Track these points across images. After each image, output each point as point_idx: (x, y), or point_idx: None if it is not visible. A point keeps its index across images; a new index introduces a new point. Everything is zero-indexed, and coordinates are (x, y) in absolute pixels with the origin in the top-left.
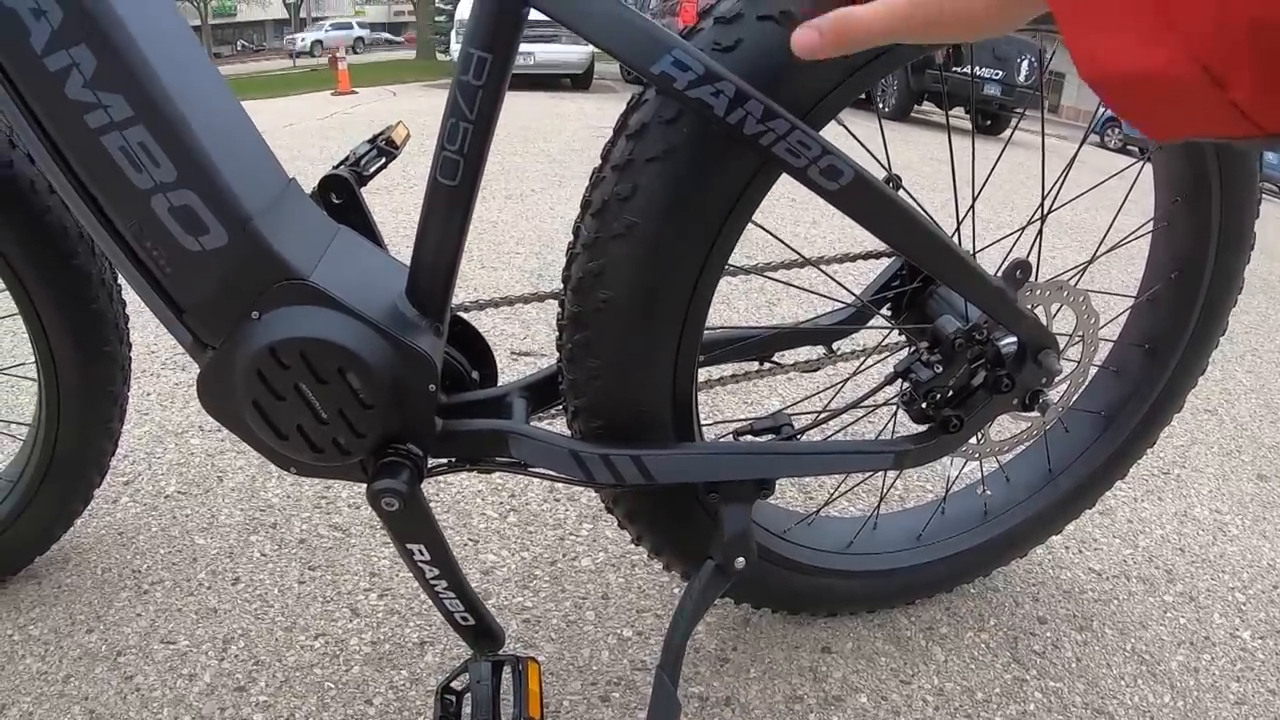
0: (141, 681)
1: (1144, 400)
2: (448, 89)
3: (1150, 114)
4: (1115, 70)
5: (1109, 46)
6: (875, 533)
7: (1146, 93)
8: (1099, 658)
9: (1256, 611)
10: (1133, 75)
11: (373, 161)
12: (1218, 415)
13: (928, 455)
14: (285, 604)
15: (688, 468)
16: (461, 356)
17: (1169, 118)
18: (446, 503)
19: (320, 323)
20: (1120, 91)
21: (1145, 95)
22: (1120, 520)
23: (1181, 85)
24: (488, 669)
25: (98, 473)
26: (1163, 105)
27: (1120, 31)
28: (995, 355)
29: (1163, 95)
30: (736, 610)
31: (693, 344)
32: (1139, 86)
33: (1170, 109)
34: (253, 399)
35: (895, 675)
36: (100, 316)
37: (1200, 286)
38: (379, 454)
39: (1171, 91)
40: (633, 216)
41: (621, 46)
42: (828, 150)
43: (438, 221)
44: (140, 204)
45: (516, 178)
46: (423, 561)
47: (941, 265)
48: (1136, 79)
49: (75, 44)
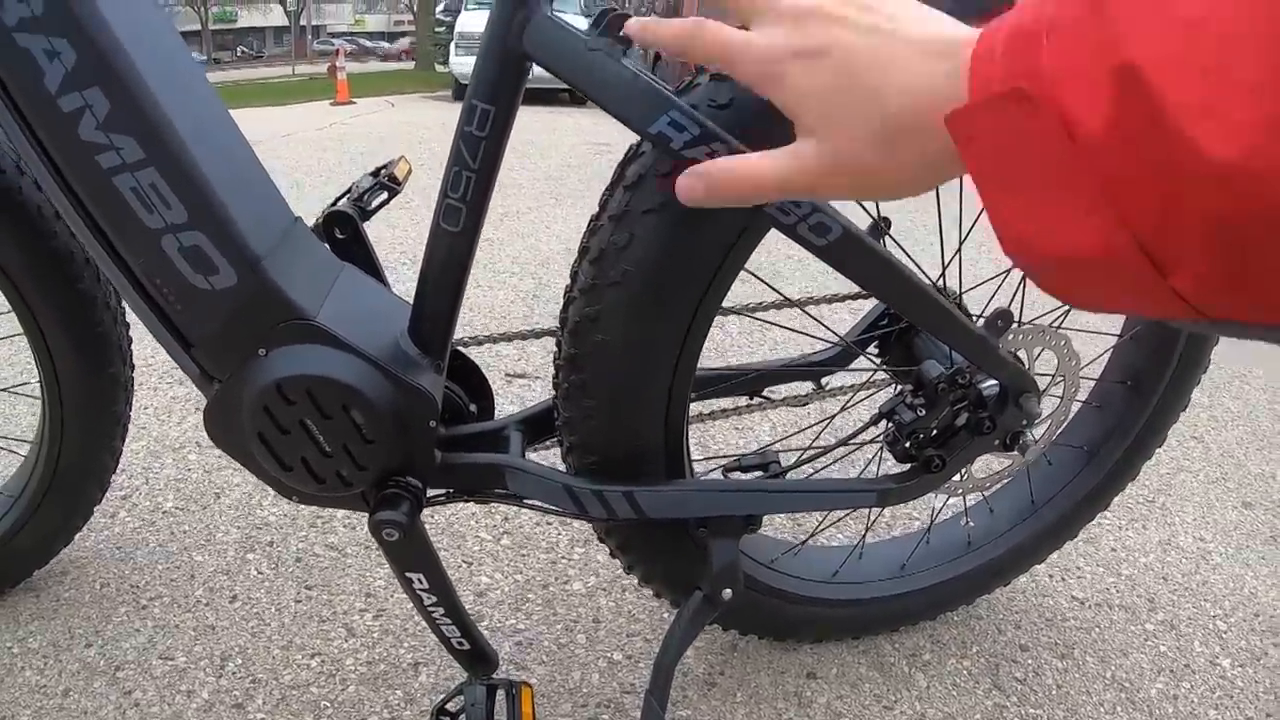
0: (140, 697)
1: (1126, 435)
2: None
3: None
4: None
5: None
6: (860, 562)
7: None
8: (1079, 685)
9: (1237, 640)
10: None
11: (374, 196)
12: (1204, 443)
13: (911, 494)
14: (282, 622)
15: (678, 504)
16: (460, 389)
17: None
18: (441, 525)
19: (325, 361)
20: (1050, 271)
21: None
22: (1104, 548)
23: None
24: (482, 692)
25: (98, 489)
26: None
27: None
28: (977, 398)
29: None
30: (724, 635)
31: (685, 386)
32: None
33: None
34: (258, 432)
35: (878, 701)
36: (104, 338)
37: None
38: (380, 486)
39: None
40: (629, 265)
41: (619, 105)
42: (817, 207)
43: (440, 265)
44: (150, 243)
45: (513, 195)
46: (421, 589)
47: (927, 316)
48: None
49: (88, 86)
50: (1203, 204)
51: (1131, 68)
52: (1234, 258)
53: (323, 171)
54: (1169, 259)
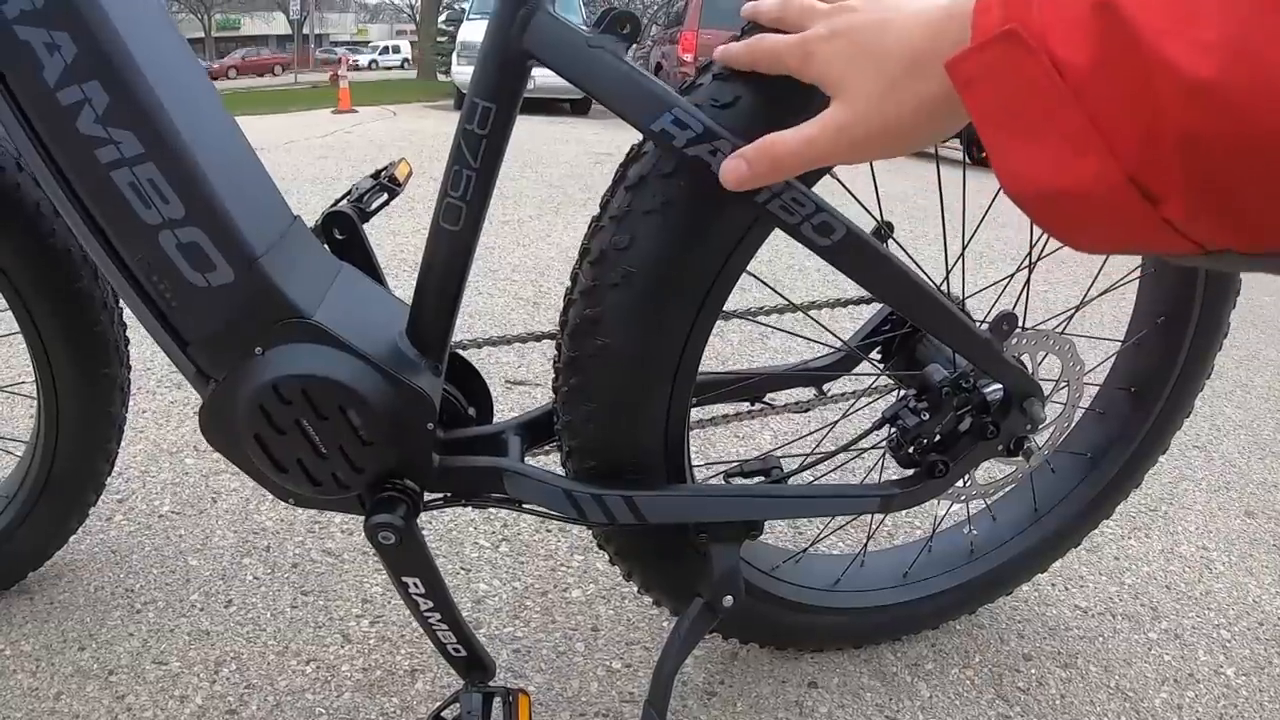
0: (133, 701)
1: (1129, 443)
2: (447, 109)
3: (1079, 228)
4: (1041, 182)
5: (1033, 153)
6: (862, 570)
7: (1073, 207)
8: (1083, 695)
9: (1241, 648)
10: (1058, 188)
11: (375, 197)
12: (1206, 451)
13: (914, 499)
14: (277, 628)
15: (678, 509)
16: (458, 393)
17: (1099, 233)
18: (439, 531)
19: (323, 361)
20: (1045, 205)
21: (1072, 209)
22: (1107, 557)
23: (1112, 200)
24: (479, 700)
25: (94, 491)
26: (1092, 220)
27: (1045, 139)
28: (981, 403)
29: (1092, 211)
30: (724, 644)
31: (686, 389)
32: (1065, 200)
33: (1100, 224)
34: (254, 432)
35: (880, 711)
36: (101, 339)
37: (1186, 332)
38: (376, 489)
39: (1102, 207)
40: (630, 266)
41: (622, 103)
42: (821, 207)
43: (439, 265)
44: (148, 239)
45: (514, 203)
46: (417, 594)
47: (930, 318)
48: (1064, 194)
49: (88, 80)
50: (1180, 124)
51: (1109, 3)
52: (1214, 180)
53: (323, 180)
54: (1157, 188)
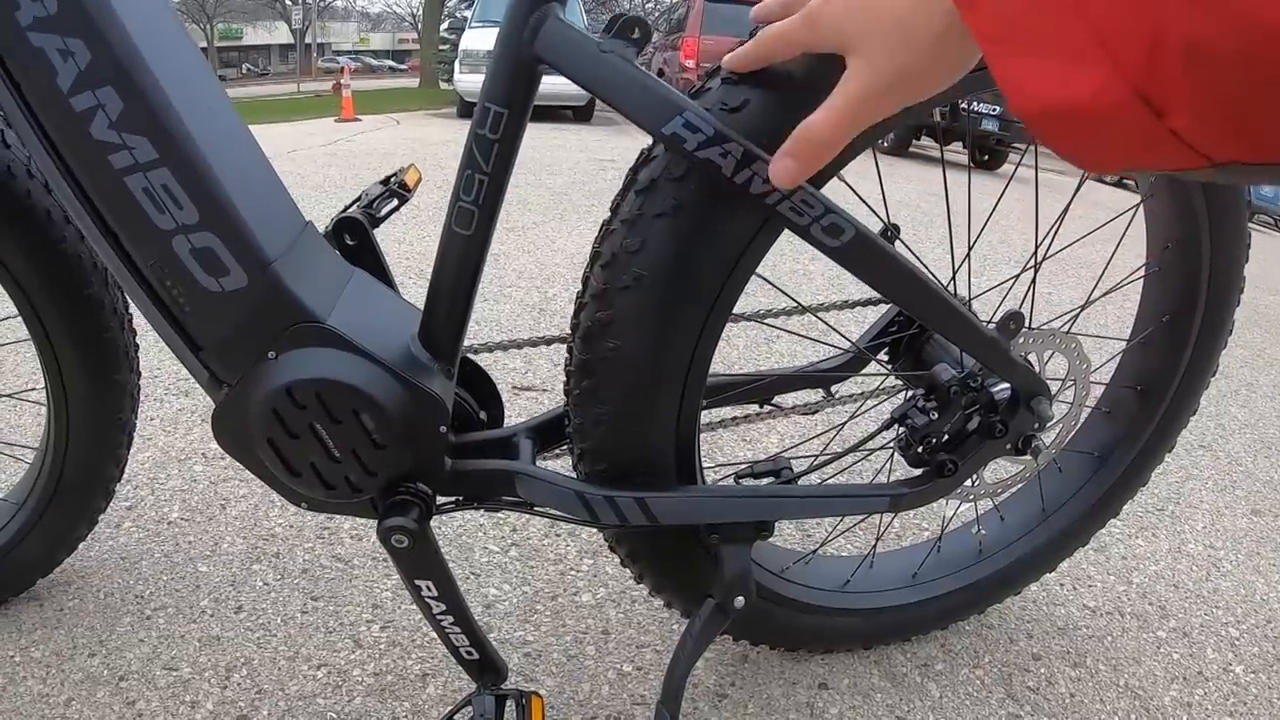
0: (144, 707)
1: (1136, 441)
2: (450, 117)
3: (1087, 145)
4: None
5: (1038, 70)
6: (872, 571)
7: (1081, 124)
8: (1093, 694)
9: (1250, 646)
10: (1065, 104)
11: (385, 203)
12: (1212, 451)
13: (923, 498)
14: (288, 633)
15: (690, 510)
16: (470, 397)
17: (1106, 149)
18: (449, 536)
19: (336, 365)
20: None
21: (1079, 125)
22: (1114, 557)
23: (1117, 113)
24: (491, 703)
25: (103, 497)
26: (1099, 137)
27: (1048, 55)
28: (989, 402)
29: (1098, 126)
30: (735, 646)
31: (696, 390)
32: (1072, 117)
33: (1107, 140)
34: (268, 436)
35: (891, 711)
36: (112, 345)
37: (1191, 330)
38: (389, 492)
39: (1107, 121)
40: (641, 269)
41: (633, 107)
42: (830, 209)
43: (451, 269)
44: (161, 244)
45: (518, 210)
46: (430, 597)
47: (938, 318)
48: (1069, 109)
49: (101, 85)
50: (1183, 31)
51: None
52: (1219, 89)
53: (328, 188)
54: (1162, 99)
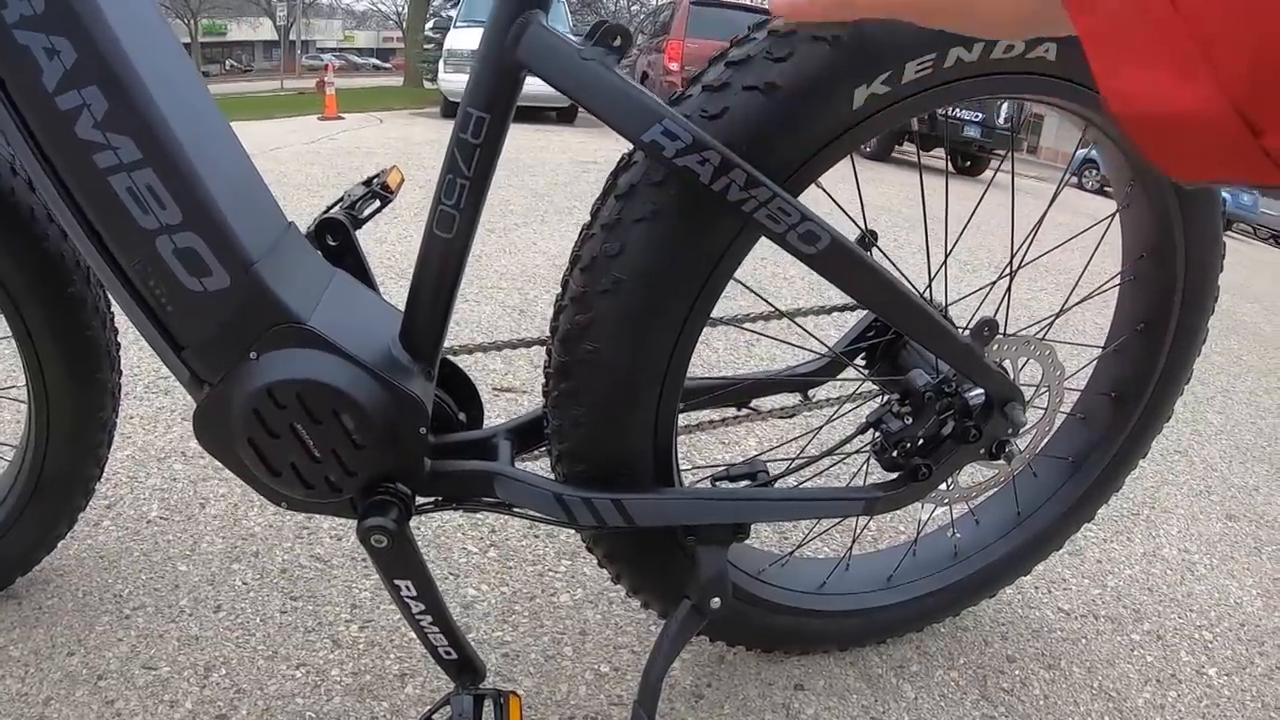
0: (123, 707)
1: (1110, 446)
2: (433, 116)
3: (1179, 155)
4: (1146, 108)
5: (1141, 80)
6: (847, 573)
7: (1178, 134)
8: (1066, 695)
9: (1223, 649)
10: (1165, 115)
11: (367, 204)
12: (1188, 456)
13: (898, 502)
14: (267, 633)
15: (667, 512)
16: (449, 398)
17: (1198, 161)
18: (428, 537)
19: (317, 366)
20: (1151, 131)
21: (1177, 137)
22: (1089, 560)
23: (1215, 128)
24: (470, 703)
25: (83, 496)
26: (1193, 147)
27: (1154, 65)
28: (963, 407)
29: (1194, 137)
30: (712, 647)
31: (674, 393)
32: (1171, 127)
33: (1201, 152)
34: (248, 436)
35: (866, 712)
36: (93, 343)
37: (1165, 339)
38: (369, 492)
39: (1204, 134)
40: (620, 273)
41: (613, 114)
42: (806, 217)
43: (432, 272)
44: (144, 244)
45: (500, 211)
46: (409, 597)
47: (913, 324)
48: (1168, 118)
49: (87, 85)
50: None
51: None
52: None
53: (310, 187)
54: (1261, 119)
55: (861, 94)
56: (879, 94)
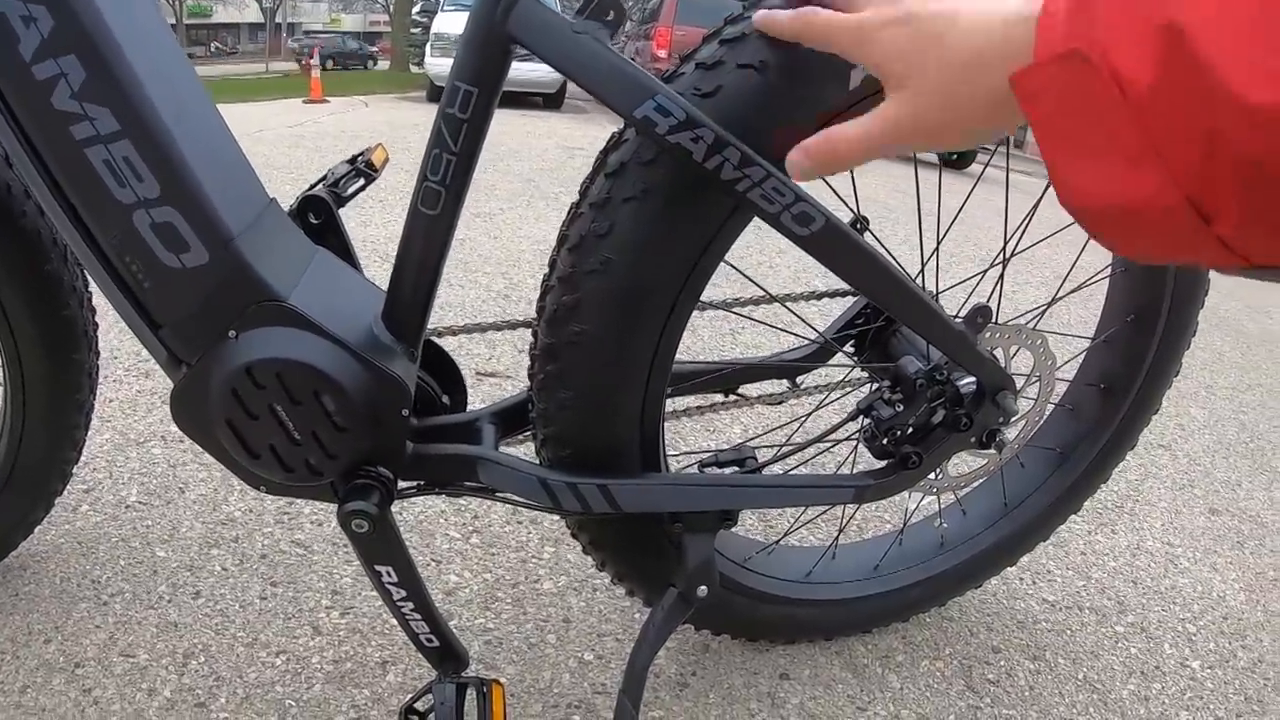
0: (100, 695)
1: (1098, 437)
2: (419, 100)
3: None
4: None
5: (1093, 170)
6: (834, 563)
7: (1129, 222)
8: (1051, 686)
9: (1206, 642)
10: (1116, 206)
11: (351, 183)
12: (1171, 450)
13: (887, 490)
14: (246, 619)
15: (653, 498)
16: (433, 380)
17: (1151, 245)
18: (410, 522)
19: (297, 345)
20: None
21: (1128, 224)
22: (1074, 552)
23: (1167, 217)
24: (452, 690)
25: (60, 480)
26: (1145, 234)
27: (1105, 154)
28: (955, 395)
29: (1146, 225)
30: (697, 636)
31: (662, 377)
32: (1121, 216)
33: (1153, 238)
34: (226, 417)
35: (852, 702)
36: (70, 324)
37: (1155, 330)
38: (350, 476)
39: (1156, 222)
40: (609, 253)
41: (605, 89)
42: (801, 197)
43: (417, 249)
44: (121, 218)
45: (485, 195)
46: (390, 583)
47: (906, 310)
48: (1119, 209)
49: (64, 54)
50: (1239, 149)
51: (1174, 25)
52: (1269, 203)
53: (294, 169)
54: (1212, 208)
55: (858, 74)
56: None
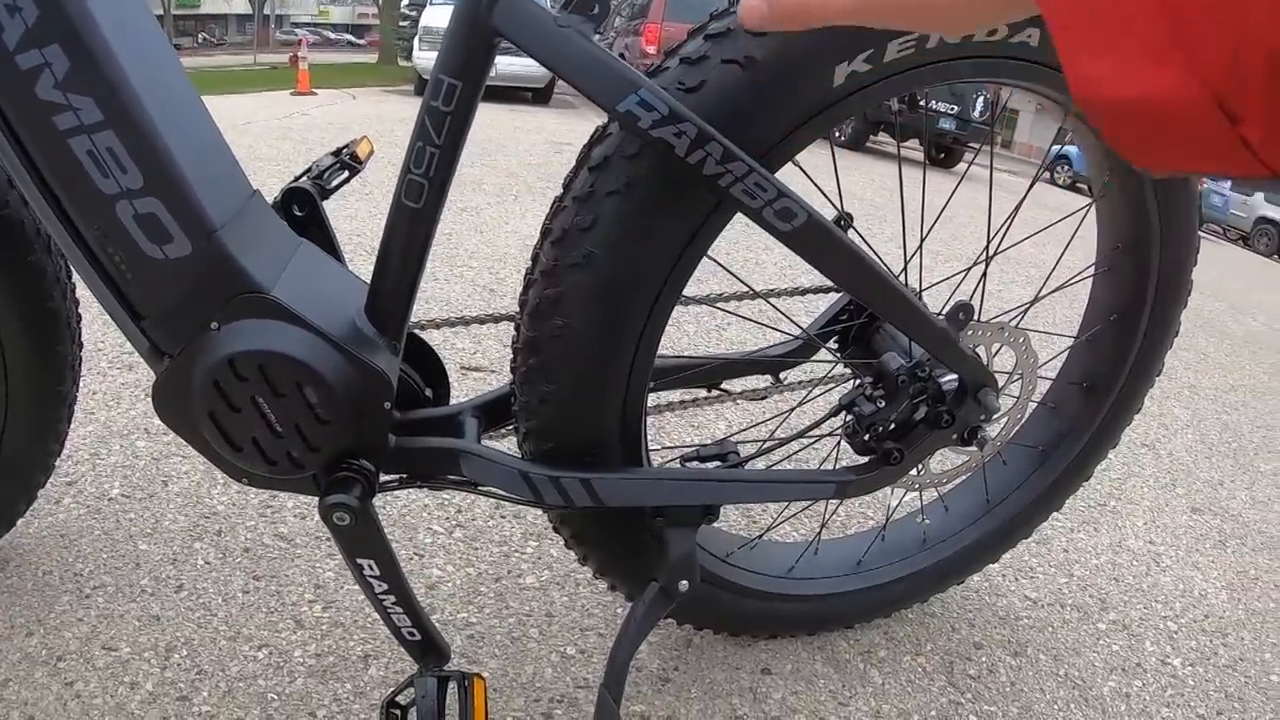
0: (82, 688)
1: (1080, 436)
2: (407, 94)
3: (1150, 145)
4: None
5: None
6: (816, 558)
7: (1148, 121)
8: (1033, 682)
9: (1187, 640)
10: (1134, 100)
11: (335, 175)
12: (1154, 450)
13: (869, 486)
14: (229, 613)
15: (635, 492)
16: (416, 374)
17: (1170, 150)
18: (393, 516)
19: (279, 337)
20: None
21: (1146, 123)
22: (1056, 550)
23: (1189, 115)
24: (433, 684)
25: (43, 473)
26: (1165, 136)
27: (1124, 46)
28: (937, 392)
29: (1166, 125)
30: (678, 631)
31: (644, 371)
32: (1140, 113)
33: (1173, 141)
34: (209, 409)
35: (834, 697)
36: (53, 315)
37: (1138, 330)
38: (332, 469)
39: (1177, 121)
40: (591, 246)
41: (589, 83)
42: (783, 193)
43: (400, 242)
44: (105, 209)
45: (472, 190)
46: (372, 576)
47: (888, 307)
48: (1138, 104)
49: (48, 44)
50: (1270, 41)
51: None
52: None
53: (280, 161)
54: (1238, 106)
55: (843, 71)
56: (860, 72)
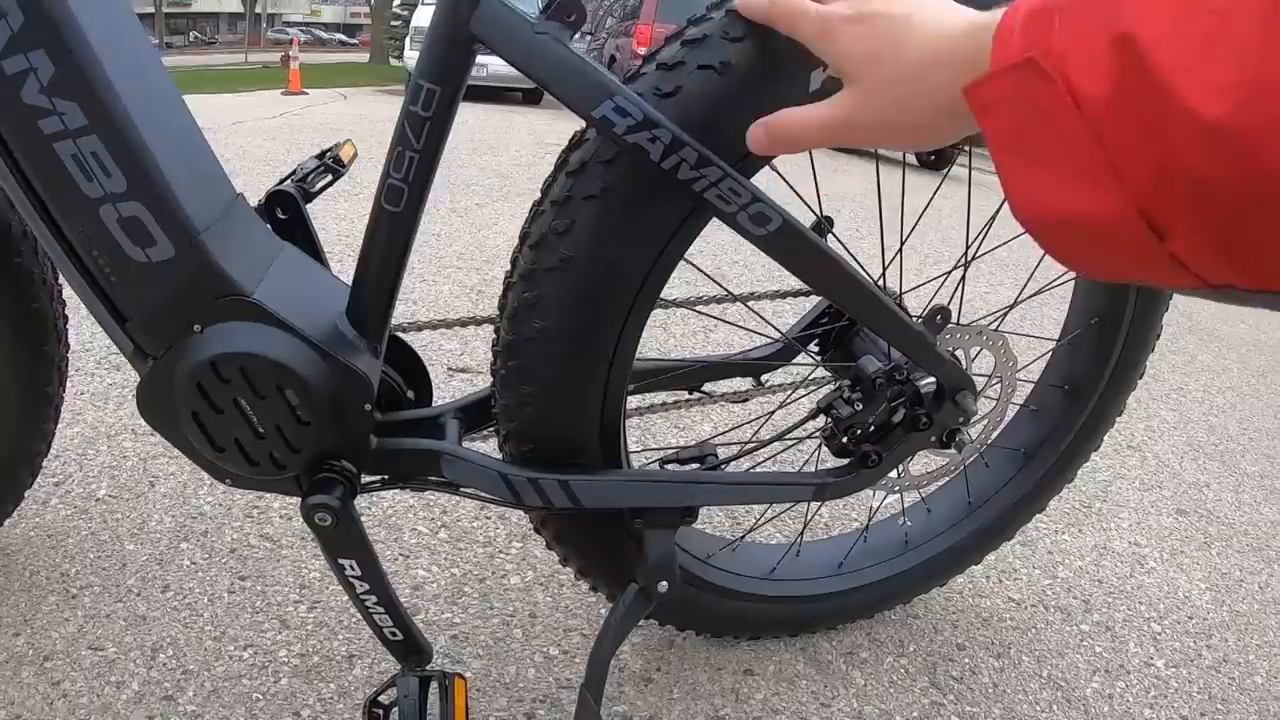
0: (69, 688)
1: (1062, 439)
2: (398, 94)
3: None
4: (1051, 210)
5: (1046, 182)
6: (798, 559)
7: (1084, 236)
8: (1015, 684)
9: (1171, 641)
10: (1068, 217)
11: (319, 178)
12: (1140, 452)
13: (847, 488)
14: (214, 613)
15: (613, 494)
16: (398, 376)
17: (1105, 261)
18: (378, 517)
19: (261, 340)
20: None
21: (1083, 238)
22: (1040, 551)
23: (1121, 231)
24: (415, 684)
25: (30, 474)
26: (1101, 250)
27: (1058, 167)
28: (914, 395)
29: (1101, 240)
30: (661, 632)
31: (622, 374)
32: (1076, 228)
33: (1106, 253)
34: (191, 411)
35: (815, 698)
36: (40, 316)
37: (1119, 333)
38: (314, 469)
39: (1111, 236)
40: (569, 250)
41: (564, 89)
42: (757, 197)
43: (380, 245)
44: (89, 213)
45: (462, 190)
46: (354, 576)
47: (865, 311)
48: (1074, 221)
49: (34, 49)
50: (1192, 164)
51: (1129, 37)
52: (1221, 220)
53: (270, 161)
54: (1166, 223)
55: (818, 76)
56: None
